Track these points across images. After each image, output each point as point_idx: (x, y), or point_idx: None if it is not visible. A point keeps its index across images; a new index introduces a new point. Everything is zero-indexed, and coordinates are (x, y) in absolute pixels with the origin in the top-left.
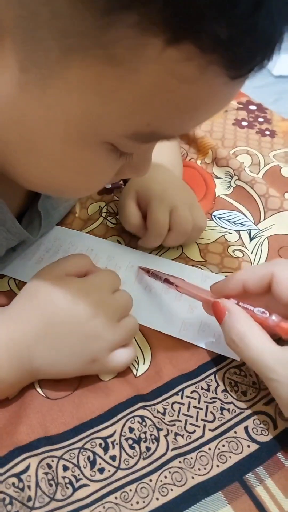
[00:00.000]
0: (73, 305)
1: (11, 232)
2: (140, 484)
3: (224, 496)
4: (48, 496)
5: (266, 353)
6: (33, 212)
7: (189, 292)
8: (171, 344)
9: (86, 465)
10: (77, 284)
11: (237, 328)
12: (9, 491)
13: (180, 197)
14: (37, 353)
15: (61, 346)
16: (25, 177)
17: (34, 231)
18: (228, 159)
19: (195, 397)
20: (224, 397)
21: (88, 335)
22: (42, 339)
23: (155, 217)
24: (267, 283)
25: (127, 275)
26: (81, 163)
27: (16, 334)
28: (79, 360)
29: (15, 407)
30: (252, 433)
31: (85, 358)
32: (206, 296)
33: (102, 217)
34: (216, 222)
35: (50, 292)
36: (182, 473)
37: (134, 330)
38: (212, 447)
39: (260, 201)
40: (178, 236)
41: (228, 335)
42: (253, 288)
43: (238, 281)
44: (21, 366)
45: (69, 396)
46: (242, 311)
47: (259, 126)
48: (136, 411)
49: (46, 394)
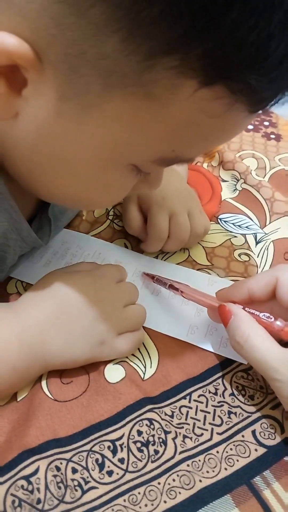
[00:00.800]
0: (82, 291)
1: (25, 240)
2: (148, 487)
3: (232, 499)
4: (57, 498)
5: (270, 354)
6: (43, 218)
7: (194, 298)
8: (178, 348)
9: (94, 468)
10: (85, 274)
11: (241, 330)
12: (18, 494)
13: (180, 203)
14: (49, 338)
15: (73, 328)
16: (46, 191)
17: (45, 237)
18: (234, 162)
19: (203, 401)
20: (232, 401)
21: (97, 316)
22: (53, 323)
23: (154, 223)
24: (271, 289)
25: (135, 280)
26: (105, 182)
27: (27, 320)
28: (88, 342)
29: (24, 409)
30: (260, 437)
31: (95, 340)
32: (212, 302)
33: (109, 220)
34: (222, 225)
35: (61, 282)
36: (190, 476)
37: (141, 316)
38: (220, 450)
39: (266, 205)
40: (176, 243)
41: (233, 338)
42: (259, 294)
43: (244, 288)
44: (33, 352)
45: (77, 398)
46: (247, 315)
47: (265, 129)
48: (144, 414)
49: (54, 397)
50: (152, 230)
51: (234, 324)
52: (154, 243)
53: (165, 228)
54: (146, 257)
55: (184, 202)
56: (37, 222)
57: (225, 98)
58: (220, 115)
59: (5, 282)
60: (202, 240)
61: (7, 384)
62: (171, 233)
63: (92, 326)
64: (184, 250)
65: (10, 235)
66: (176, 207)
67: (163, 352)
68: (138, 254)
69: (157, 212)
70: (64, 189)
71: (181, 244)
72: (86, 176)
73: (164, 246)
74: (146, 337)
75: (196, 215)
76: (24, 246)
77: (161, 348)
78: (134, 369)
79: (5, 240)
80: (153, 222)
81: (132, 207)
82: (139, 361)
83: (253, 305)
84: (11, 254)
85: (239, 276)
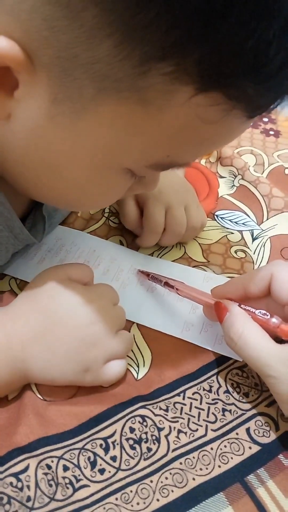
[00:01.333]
0: (75, 310)
1: (18, 238)
2: (140, 485)
3: (226, 497)
4: (48, 496)
5: (265, 350)
6: (37, 215)
7: (189, 295)
8: (172, 346)
9: (86, 466)
10: (81, 290)
11: (235, 327)
12: (7, 491)
13: (176, 197)
14: (32, 354)
15: (57, 349)
16: (38, 193)
17: (38, 234)
18: (233, 158)
19: (197, 398)
20: (226, 398)
21: (86, 341)
22: (39, 339)
23: (150, 216)
24: (267, 285)
25: (130, 277)
26: (99, 186)
27: (13, 332)
28: (72, 367)
29: (14, 408)
30: (254, 434)
31: (79, 366)
32: (207, 299)
33: (105, 217)
34: (219, 222)
35: (54, 294)
36: (183, 474)
37: (130, 343)
38: (214, 447)
39: (263, 201)
40: (172, 236)
41: (227, 334)
42: (254, 290)
43: (239, 284)
44: (14, 365)
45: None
46: (242, 311)
47: (264, 126)
48: (136, 411)
49: (44, 397)
50: (148, 223)
51: (229, 321)
52: (150, 236)
53: (161, 221)
54: (141, 254)
55: (180, 195)
56: (31, 219)
57: (222, 104)
58: (217, 121)
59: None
60: (198, 237)
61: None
62: (167, 227)
63: (79, 351)
64: (180, 247)
65: (1, 233)
66: (173, 201)
67: (156, 350)
68: (133, 252)
69: (153, 205)
70: (57, 191)
71: (177, 238)
72: (80, 180)
73: (160, 240)
74: (138, 336)
75: (193, 209)
76: (16, 244)
77: (155, 346)
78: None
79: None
80: (149, 215)
81: (128, 201)
82: (131, 361)
83: (249, 302)
84: (3, 251)
85: (235, 273)
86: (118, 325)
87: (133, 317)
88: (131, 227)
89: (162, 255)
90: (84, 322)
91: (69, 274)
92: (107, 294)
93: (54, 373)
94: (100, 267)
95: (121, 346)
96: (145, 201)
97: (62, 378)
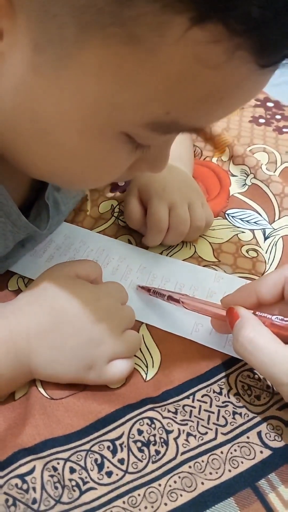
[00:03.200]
0: (83, 307)
1: (16, 225)
2: (148, 488)
3: (236, 502)
4: (54, 499)
5: (278, 355)
6: (40, 205)
7: (197, 308)
8: (182, 347)
9: (93, 468)
10: (89, 288)
11: (246, 331)
12: (12, 492)
13: (181, 195)
14: (37, 350)
15: (63, 346)
16: (32, 165)
17: (42, 224)
18: (245, 156)
19: (207, 400)
20: (237, 401)
21: (92, 339)
22: (44, 335)
23: (153, 214)
24: (280, 290)
25: (139, 277)
26: (94, 154)
27: (17, 327)
28: (77, 364)
29: (21, 409)
30: (265, 438)
31: (83, 363)
32: (217, 310)
33: (114, 217)
34: (230, 221)
35: (61, 290)
36: (192, 478)
37: (137, 344)
38: (224, 451)
39: (275, 200)
40: (175, 235)
41: (236, 338)
42: (267, 296)
43: (251, 291)
44: (19, 361)
45: (74, 396)
46: (253, 316)
47: (277, 123)
48: (145, 413)
49: (50, 396)
50: (151, 221)
51: (239, 325)
52: (154, 235)
53: (164, 219)
54: (151, 253)
55: (184, 193)
56: (36, 208)
57: (224, 41)
58: (220, 65)
59: (7, 278)
60: (208, 236)
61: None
62: (171, 225)
63: (84, 348)
64: (190, 246)
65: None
66: (176, 199)
67: (165, 351)
68: (142, 250)
69: (156, 203)
70: (51, 162)
71: (181, 237)
72: (72, 146)
73: (164, 239)
74: (147, 336)
75: (197, 207)
76: (16, 231)
77: (164, 347)
78: (136, 369)
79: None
80: (152, 213)
81: (132, 199)
82: (140, 362)
83: (261, 308)
84: (2, 239)
85: (247, 273)
86: (125, 325)
87: (142, 317)
88: (135, 226)
89: (172, 254)
90: (91, 321)
91: (76, 271)
92: (115, 292)
93: (58, 369)
94: (109, 266)
95: (126, 346)
96: (148, 199)
97: (65, 374)
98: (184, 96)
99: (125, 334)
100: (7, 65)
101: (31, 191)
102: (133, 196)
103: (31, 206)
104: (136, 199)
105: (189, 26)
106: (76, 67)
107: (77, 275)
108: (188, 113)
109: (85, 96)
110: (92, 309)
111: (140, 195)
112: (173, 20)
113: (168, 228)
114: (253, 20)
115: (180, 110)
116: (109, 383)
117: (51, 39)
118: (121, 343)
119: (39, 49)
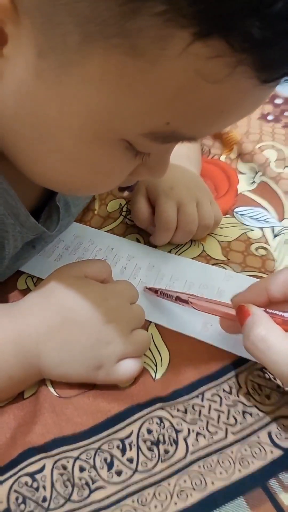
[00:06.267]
0: (92, 308)
1: (25, 226)
2: (158, 487)
3: (246, 502)
4: (64, 497)
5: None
6: (52, 207)
7: (206, 308)
8: (191, 347)
9: (103, 467)
10: (97, 288)
11: (258, 329)
12: (22, 490)
13: (188, 193)
14: (46, 351)
15: (72, 346)
16: (33, 170)
17: (52, 225)
18: (253, 154)
19: (216, 400)
20: (247, 400)
21: (100, 339)
22: (53, 337)
23: (161, 212)
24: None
25: (148, 275)
26: (94, 161)
27: (26, 328)
28: (86, 364)
29: (30, 406)
30: (276, 438)
31: (92, 363)
32: (227, 309)
33: (122, 216)
34: (238, 219)
35: (70, 291)
36: (201, 477)
37: (146, 343)
38: (234, 451)
39: (284, 198)
40: (183, 234)
41: (248, 338)
42: (277, 294)
43: (261, 289)
44: (28, 362)
45: (84, 394)
46: (265, 314)
47: (285, 120)
48: (154, 412)
49: (59, 394)
50: (159, 220)
51: (250, 323)
52: (163, 234)
53: (172, 218)
54: (159, 251)
55: (192, 192)
56: (47, 211)
57: (225, 56)
58: (221, 80)
59: (16, 277)
60: (217, 234)
61: (5, 393)
62: (179, 224)
63: (93, 348)
64: (198, 244)
65: (6, 220)
66: (184, 197)
67: (174, 350)
68: (151, 249)
69: (164, 202)
70: (51, 168)
71: (189, 236)
72: (73, 152)
73: (172, 238)
74: (156, 336)
75: (205, 205)
76: (24, 232)
77: (173, 346)
78: (145, 368)
79: (3, 226)
80: (160, 212)
81: (140, 198)
82: (150, 361)
83: (271, 306)
84: (11, 240)
85: (256, 271)
86: (134, 324)
87: (151, 317)
88: (143, 225)
89: (180, 253)
90: (100, 321)
91: (85, 271)
92: (124, 291)
93: (68, 369)
94: (117, 265)
95: (135, 346)
96: (156, 198)
97: (75, 374)
98: (184, 108)
99: (134, 334)
100: (11, 69)
101: (44, 194)
102: (141, 195)
103: (43, 208)
104: (144, 198)
105: (192, 40)
106: (78, 75)
107: (85, 275)
108: (188, 124)
109: (86, 104)
110: (100, 309)
111: (148, 194)
112: (176, 34)
113: (177, 226)
114: (254, 39)
115: (180, 121)
116: (119, 383)
117: (54, 46)
118: (130, 343)
119: (42, 54)
